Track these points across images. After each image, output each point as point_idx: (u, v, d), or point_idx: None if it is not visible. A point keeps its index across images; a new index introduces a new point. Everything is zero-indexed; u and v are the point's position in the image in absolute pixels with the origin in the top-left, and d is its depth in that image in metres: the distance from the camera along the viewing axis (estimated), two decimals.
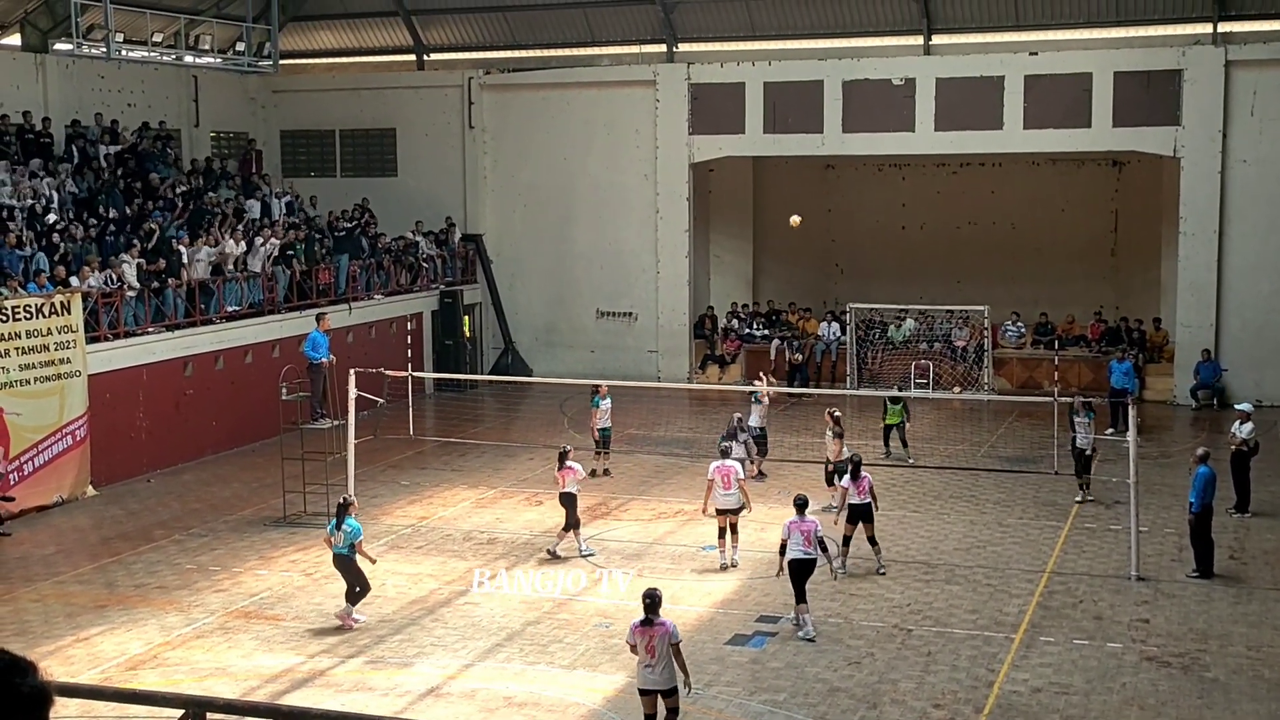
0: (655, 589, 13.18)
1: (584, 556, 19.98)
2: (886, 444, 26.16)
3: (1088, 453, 22.94)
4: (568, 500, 20.05)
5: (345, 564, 17.37)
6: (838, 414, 23.13)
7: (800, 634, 16.47)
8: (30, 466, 23.17)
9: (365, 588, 17.39)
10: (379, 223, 35.14)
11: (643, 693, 12.97)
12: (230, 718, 9.94)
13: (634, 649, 12.89)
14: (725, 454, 20.75)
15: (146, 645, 16.57)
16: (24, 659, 3.36)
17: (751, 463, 23.46)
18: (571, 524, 20.04)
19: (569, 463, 20.19)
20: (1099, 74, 31.77)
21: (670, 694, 12.86)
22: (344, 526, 17.28)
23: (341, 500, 17.85)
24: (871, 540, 19.11)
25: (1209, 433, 28.53)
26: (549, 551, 20.09)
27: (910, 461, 25.47)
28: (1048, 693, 14.79)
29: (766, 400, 25.27)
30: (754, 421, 24.46)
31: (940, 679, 15.17)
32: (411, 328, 33.32)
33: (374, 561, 17.89)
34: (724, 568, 19.32)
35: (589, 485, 23.09)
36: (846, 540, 19.12)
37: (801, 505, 16.89)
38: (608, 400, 25.54)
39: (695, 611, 17.51)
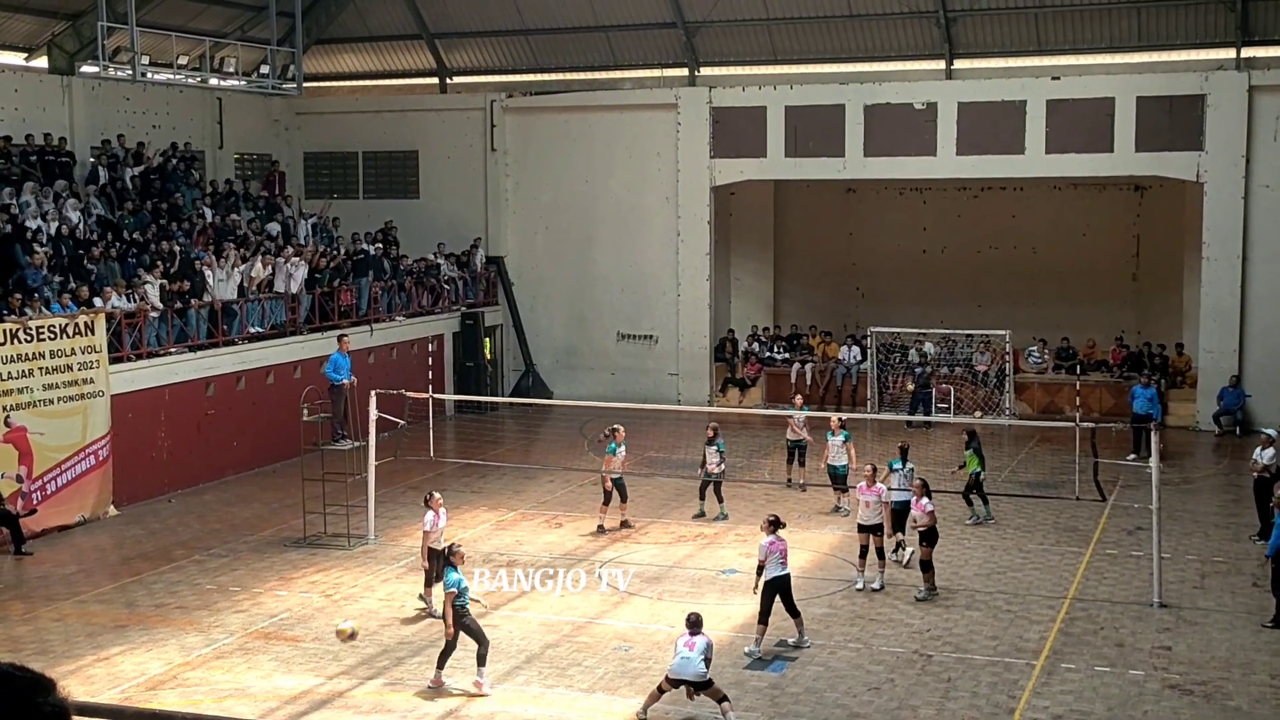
0: (698, 614, 14.77)
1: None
2: (970, 499, 23.18)
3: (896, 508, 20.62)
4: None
5: (457, 617, 15.65)
6: (844, 419, 23.93)
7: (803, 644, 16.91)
8: (53, 486, 23.29)
9: (450, 648, 15.65)
10: (401, 245, 35.28)
11: (671, 680, 14.43)
12: None
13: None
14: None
15: (166, 665, 16.61)
16: (45, 677, 3.39)
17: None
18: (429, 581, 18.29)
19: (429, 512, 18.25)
20: (1121, 99, 31.73)
21: (696, 688, 14.36)
22: (447, 578, 15.64)
23: (445, 548, 16.22)
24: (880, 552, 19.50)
25: (1231, 459, 28.42)
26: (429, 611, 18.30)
27: (990, 520, 23.15)
28: (1068, 719, 14.73)
29: (803, 416, 25.39)
30: (791, 436, 25.32)
31: (960, 705, 15.10)
32: (433, 349, 33.40)
33: (451, 634, 15.62)
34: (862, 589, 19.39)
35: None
36: (925, 564, 19.22)
37: (776, 524, 16.94)
38: (624, 447, 23.29)
39: (715, 635, 17.34)
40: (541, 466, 28.24)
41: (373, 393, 22.43)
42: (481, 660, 15.62)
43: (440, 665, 15.76)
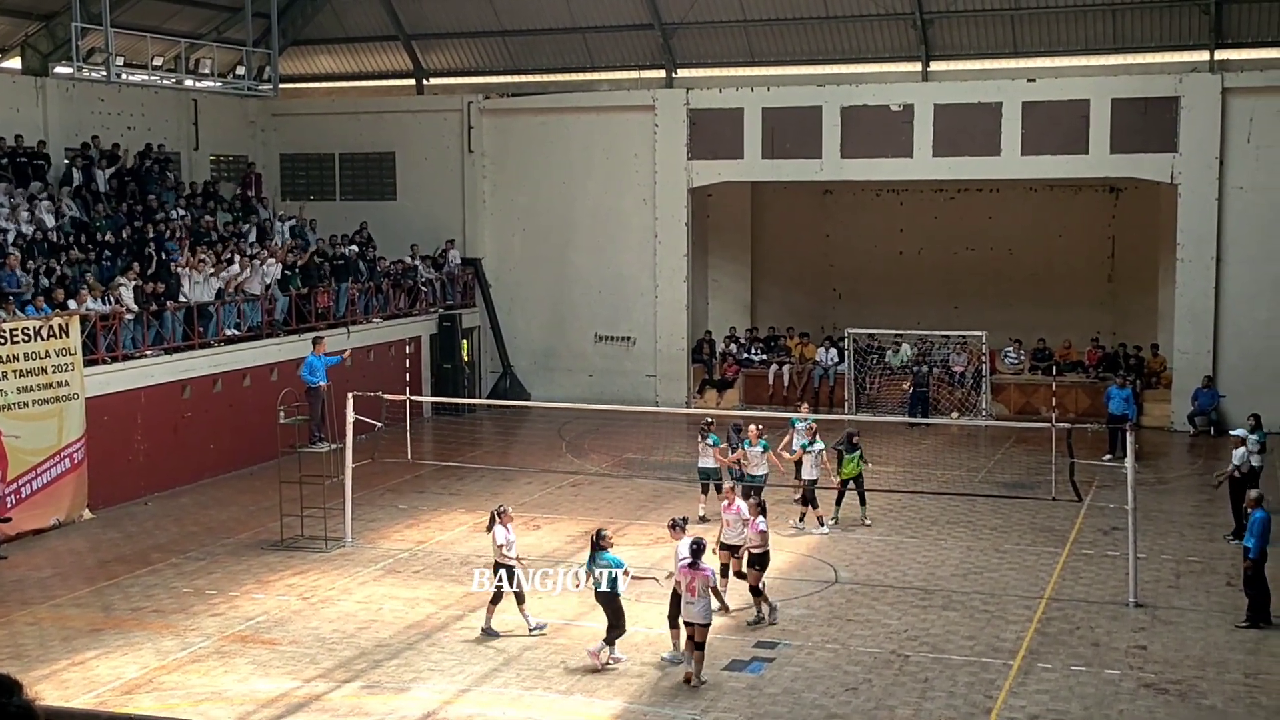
0: (701, 539, 16.16)
1: (533, 631, 17.71)
2: (839, 503, 22.92)
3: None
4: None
5: (608, 600, 16.29)
6: (761, 428, 23.28)
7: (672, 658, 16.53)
8: (28, 489, 23.15)
9: (620, 628, 16.24)
10: (378, 247, 35.20)
11: (686, 624, 15.80)
12: None
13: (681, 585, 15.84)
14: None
15: (142, 669, 16.53)
16: (9, 677, 3.38)
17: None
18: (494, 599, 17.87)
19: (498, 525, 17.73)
20: (1096, 101, 31.87)
21: (702, 629, 15.61)
22: (600, 561, 16.26)
23: (594, 535, 16.63)
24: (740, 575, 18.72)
25: (1206, 459, 28.57)
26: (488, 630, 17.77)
27: (867, 523, 22.94)
28: (1045, 719, 14.77)
29: (806, 425, 23.37)
30: (807, 474, 22.89)
31: (937, 705, 15.14)
32: (410, 351, 33.35)
33: (632, 600, 16.52)
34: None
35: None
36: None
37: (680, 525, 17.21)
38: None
39: None
40: (519, 468, 28.21)
41: (350, 395, 22.37)
42: (610, 639, 16.30)
43: (609, 642, 16.38)
